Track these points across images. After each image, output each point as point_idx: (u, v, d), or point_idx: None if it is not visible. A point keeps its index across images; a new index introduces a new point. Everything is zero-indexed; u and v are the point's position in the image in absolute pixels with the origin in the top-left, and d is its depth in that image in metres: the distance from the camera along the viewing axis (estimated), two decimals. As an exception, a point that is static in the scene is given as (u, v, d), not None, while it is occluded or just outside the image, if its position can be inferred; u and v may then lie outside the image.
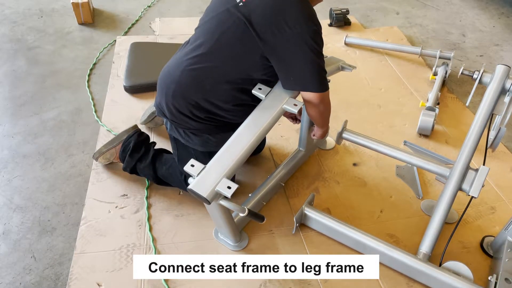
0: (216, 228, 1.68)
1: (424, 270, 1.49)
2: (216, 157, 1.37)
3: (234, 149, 1.39)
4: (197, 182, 1.30)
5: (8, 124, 2.20)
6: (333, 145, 2.13)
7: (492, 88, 1.57)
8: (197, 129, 1.62)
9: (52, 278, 1.55)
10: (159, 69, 1.69)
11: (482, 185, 1.49)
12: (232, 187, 1.27)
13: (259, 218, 1.39)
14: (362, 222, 1.78)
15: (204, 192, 1.27)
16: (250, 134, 1.42)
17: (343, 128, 1.88)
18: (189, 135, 1.65)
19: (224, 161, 1.35)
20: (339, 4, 3.48)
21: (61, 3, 3.32)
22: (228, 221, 1.51)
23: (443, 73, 2.54)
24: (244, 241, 1.66)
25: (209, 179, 1.30)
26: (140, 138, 1.85)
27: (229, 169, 1.33)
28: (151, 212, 1.77)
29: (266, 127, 1.44)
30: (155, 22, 3.13)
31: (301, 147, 2.00)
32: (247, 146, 1.39)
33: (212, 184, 1.28)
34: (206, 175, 1.32)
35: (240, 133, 1.44)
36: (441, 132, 2.27)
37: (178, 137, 1.69)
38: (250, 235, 1.69)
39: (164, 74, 1.62)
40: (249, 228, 1.71)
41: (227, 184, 1.28)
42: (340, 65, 1.81)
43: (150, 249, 1.63)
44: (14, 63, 2.64)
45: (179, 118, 1.60)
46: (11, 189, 1.87)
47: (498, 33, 3.24)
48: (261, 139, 1.45)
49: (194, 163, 1.34)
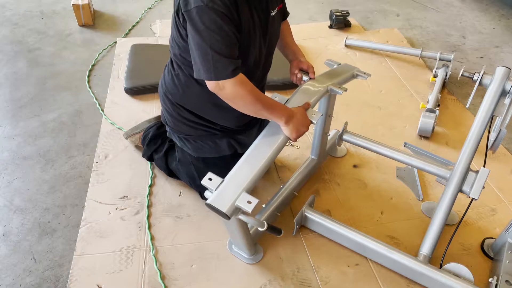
0: (231, 241, 1.63)
1: (424, 272, 1.48)
2: (234, 170, 1.32)
3: (253, 161, 1.33)
4: (215, 196, 1.25)
5: (9, 125, 2.21)
6: (344, 152, 2.09)
7: (492, 90, 1.57)
8: (189, 135, 1.64)
9: (52, 280, 1.55)
10: (160, 71, 1.70)
11: (483, 187, 1.49)
12: (253, 202, 1.21)
13: (277, 231, 1.35)
14: (362, 224, 1.78)
15: (223, 207, 1.22)
16: (269, 145, 1.37)
17: (344, 130, 1.88)
18: (183, 140, 1.67)
19: (243, 174, 1.30)
20: (340, 6, 3.48)
21: (61, 5, 3.33)
22: (245, 234, 1.46)
23: (443, 75, 2.54)
24: (259, 254, 1.61)
25: (228, 193, 1.25)
26: (159, 130, 1.90)
27: (248, 182, 1.27)
28: (151, 212, 1.77)
29: (285, 138, 1.40)
30: (156, 24, 3.14)
31: (314, 156, 1.94)
32: (267, 157, 1.34)
33: (231, 198, 1.23)
34: (224, 189, 1.26)
35: (258, 143, 1.39)
36: (442, 134, 2.26)
37: (175, 141, 1.72)
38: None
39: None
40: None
41: (247, 198, 1.22)
42: (354, 73, 1.76)
43: (150, 250, 1.62)
44: (15, 65, 2.64)
45: (172, 122, 1.64)
46: (11, 191, 1.87)
47: (498, 35, 3.24)
48: (280, 150, 1.39)
49: (212, 176, 1.29)
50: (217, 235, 1.69)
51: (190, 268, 1.58)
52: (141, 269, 1.57)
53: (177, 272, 1.57)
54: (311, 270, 1.59)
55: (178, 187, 1.88)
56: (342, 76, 1.70)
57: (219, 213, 1.23)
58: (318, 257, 1.64)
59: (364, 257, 1.64)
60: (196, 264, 1.60)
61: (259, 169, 1.32)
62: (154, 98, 2.37)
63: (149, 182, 1.89)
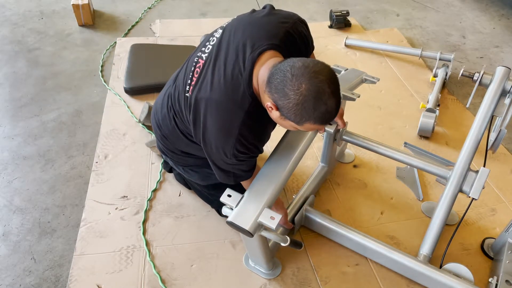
0: (249, 255, 1.58)
1: (424, 272, 1.48)
2: (253, 185, 1.29)
3: (272, 175, 1.29)
4: (236, 214, 1.21)
5: (8, 125, 2.20)
6: (352, 157, 2.08)
7: (492, 89, 1.57)
8: (195, 165, 1.60)
9: (52, 280, 1.55)
10: (159, 71, 1.69)
11: (483, 187, 1.49)
12: (276, 218, 1.17)
13: (298, 245, 1.32)
14: (362, 224, 1.78)
15: (245, 225, 1.17)
16: (287, 157, 1.33)
17: (343, 130, 1.87)
18: (188, 172, 1.65)
19: (263, 189, 1.26)
20: (340, 5, 3.48)
21: (61, 4, 3.32)
22: (265, 250, 1.42)
23: (443, 75, 2.54)
24: (277, 268, 1.57)
25: (249, 210, 1.21)
26: None
27: (268, 197, 1.24)
28: (151, 214, 1.77)
29: (302, 148, 1.37)
30: (156, 23, 3.14)
31: (324, 163, 1.92)
32: (286, 171, 1.31)
33: (253, 215, 1.19)
34: (245, 205, 1.22)
35: (276, 157, 1.36)
36: (442, 133, 2.26)
37: (181, 172, 1.69)
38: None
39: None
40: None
41: (269, 214, 1.18)
42: (363, 77, 1.75)
43: (152, 248, 1.62)
44: (15, 65, 2.64)
45: (174, 156, 1.60)
46: (11, 191, 1.87)
47: (498, 34, 3.24)
48: (298, 161, 1.36)
49: (231, 193, 1.25)
50: (217, 235, 1.69)
51: (190, 268, 1.58)
52: (141, 269, 1.56)
53: (177, 272, 1.57)
54: (311, 270, 1.59)
55: (178, 187, 1.88)
56: (352, 82, 1.70)
57: (241, 231, 1.20)
58: (318, 257, 1.63)
59: (364, 257, 1.64)
60: (196, 264, 1.59)
61: (279, 183, 1.29)
62: (154, 98, 2.37)
63: (154, 186, 1.89)
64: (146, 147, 2.05)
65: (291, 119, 1.13)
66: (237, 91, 1.20)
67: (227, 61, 1.23)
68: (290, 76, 1.07)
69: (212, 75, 1.24)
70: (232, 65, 1.21)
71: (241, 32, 1.25)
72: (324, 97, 1.07)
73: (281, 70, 1.10)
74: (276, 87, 1.10)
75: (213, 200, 1.72)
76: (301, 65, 1.08)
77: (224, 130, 1.23)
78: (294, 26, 1.30)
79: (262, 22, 1.28)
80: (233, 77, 1.20)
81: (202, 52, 1.32)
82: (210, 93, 1.23)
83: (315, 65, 1.08)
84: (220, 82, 1.22)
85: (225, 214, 1.25)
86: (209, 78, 1.24)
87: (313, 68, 1.07)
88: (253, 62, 1.19)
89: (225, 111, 1.22)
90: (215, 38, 1.31)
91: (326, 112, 1.10)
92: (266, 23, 1.28)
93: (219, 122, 1.24)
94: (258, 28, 1.25)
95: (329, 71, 1.10)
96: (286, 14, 1.34)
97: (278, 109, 1.13)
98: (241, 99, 1.20)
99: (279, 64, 1.13)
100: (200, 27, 3.06)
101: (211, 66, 1.26)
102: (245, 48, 1.21)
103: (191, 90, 1.28)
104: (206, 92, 1.23)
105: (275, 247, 1.58)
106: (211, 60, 1.27)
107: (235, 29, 1.28)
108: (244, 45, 1.22)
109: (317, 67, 1.08)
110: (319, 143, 2.10)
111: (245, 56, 1.20)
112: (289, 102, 1.08)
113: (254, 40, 1.21)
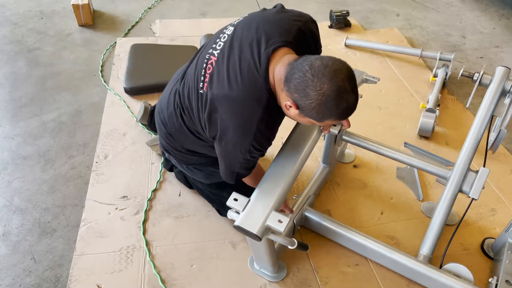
0: (254, 259, 1.58)
1: (424, 272, 1.48)
2: (259, 188, 1.27)
3: (278, 177, 1.28)
4: (243, 217, 1.20)
5: (8, 125, 2.20)
6: (352, 157, 2.08)
7: (492, 89, 1.57)
8: (199, 163, 1.60)
9: (52, 280, 1.55)
10: (159, 71, 1.69)
11: (483, 187, 1.49)
12: (284, 221, 1.16)
13: (304, 247, 1.32)
14: (362, 224, 1.78)
15: (253, 229, 1.16)
16: (293, 159, 1.32)
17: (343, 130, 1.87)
18: (192, 170, 1.64)
19: (269, 192, 1.24)
20: (340, 6, 3.48)
21: (61, 4, 3.32)
22: (271, 253, 1.41)
23: (443, 75, 2.54)
24: (283, 271, 1.57)
25: (257, 213, 1.20)
26: None
27: (276, 200, 1.23)
28: (151, 214, 1.77)
29: (308, 150, 1.37)
30: (156, 23, 3.14)
31: (325, 163, 1.92)
32: (292, 172, 1.29)
33: (261, 218, 1.18)
34: (252, 209, 1.21)
35: (281, 159, 1.35)
36: (442, 133, 2.26)
37: (184, 171, 1.69)
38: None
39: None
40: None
41: (277, 217, 1.17)
42: (363, 77, 1.75)
43: (152, 248, 1.62)
44: (15, 65, 2.64)
45: (178, 154, 1.60)
46: (11, 191, 1.87)
47: (498, 34, 3.24)
48: (304, 163, 1.35)
49: (237, 196, 1.24)
50: (217, 235, 1.69)
51: (190, 268, 1.58)
52: (141, 269, 1.56)
53: (177, 272, 1.57)
54: (311, 270, 1.59)
55: (178, 187, 1.88)
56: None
57: (249, 235, 1.19)
58: (318, 257, 1.64)
59: (364, 257, 1.64)
60: (196, 264, 1.60)
61: (286, 185, 1.28)
62: (154, 98, 2.37)
63: (154, 186, 1.89)
64: (146, 147, 2.05)
65: (312, 117, 1.14)
66: (255, 87, 1.20)
67: (242, 56, 1.23)
68: (310, 77, 1.07)
69: (228, 71, 1.24)
70: (248, 61, 1.21)
71: (254, 28, 1.25)
72: (345, 95, 1.09)
73: (300, 69, 1.10)
74: (296, 87, 1.10)
75: (215, 200, 1.72)
76: (320, 64, 1.08)
77: (242, 127, 1.24)
78: (306, 24, 1.31)
79: (275, 18, 1.29)
80: (250, 73, 1.21)
81: (213, 48, 1.31)
82: (228, 90, 1.22)
83: (334, 63, 1.09)
84: (237, 79, 1.22)
85: (231, 218, 1.24)
86: (224, 74, 1.24)
87: (332, 67, 1.08)
88: (268, 58, 1.19)
89: (245, 108, 1.22)
90: (226, 35, 1.31)
91: (347, 108, 1.12)
92: (279, 19, 1.28)
93: (238, 119, 1.23)
94: (271, 25, 1.26)
95: (347, 68, 1.11)
96: (298, 13, 1.36)
97: (298, 108, 1.13)
98: (259, 95, 1.21)
99: (295, 62, 1.13)
100: (200, 27, 3.06)
101: (225, 62, 1.25)
102: (260, 43, 1.21)
103: (205, 86, 1.28)
104: (224, 89, 1.23)
105: (280, 249, 1.58)
106: (224, 56, 1.26)
107: (248, 26, 1.28)
108: (259, 41, 1.22)
109: (336, 65, 1.09)
110: (320, 143, 2.10)
111: (260, 51, 1.20)
112: (312, 102, 1.09)
113: (268, 36, 1.22)
